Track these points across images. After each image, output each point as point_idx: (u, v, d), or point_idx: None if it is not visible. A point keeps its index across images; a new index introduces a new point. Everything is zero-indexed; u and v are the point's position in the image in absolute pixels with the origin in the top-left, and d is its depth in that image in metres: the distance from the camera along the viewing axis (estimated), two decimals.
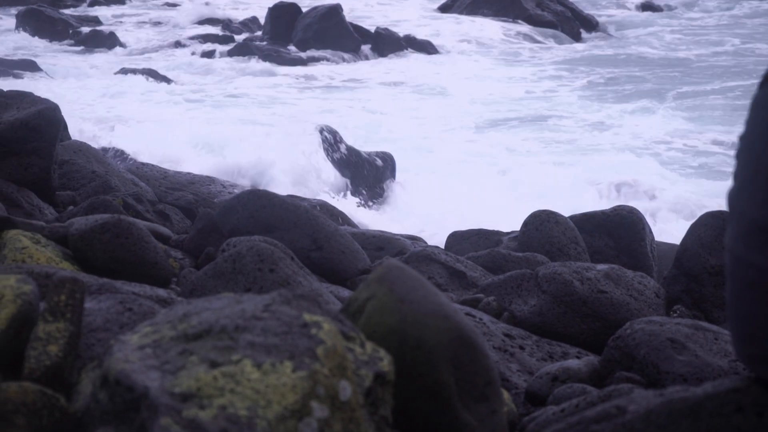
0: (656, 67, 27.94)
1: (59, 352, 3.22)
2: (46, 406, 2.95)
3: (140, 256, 5.46)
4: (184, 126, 18.57)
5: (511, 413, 4.10)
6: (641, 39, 33.10)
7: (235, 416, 2.62)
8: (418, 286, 3.27)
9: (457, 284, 6.77)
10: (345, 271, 6.70)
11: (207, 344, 2.82)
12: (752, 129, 2.68)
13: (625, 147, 19.09)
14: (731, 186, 2.73)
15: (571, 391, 4.37)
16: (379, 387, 2.94)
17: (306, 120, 18.67)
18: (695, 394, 2.78)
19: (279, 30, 29.24)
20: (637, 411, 2.82)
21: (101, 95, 22.13)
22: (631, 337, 4.67)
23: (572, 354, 5.57)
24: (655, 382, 4.44)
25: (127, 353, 2.85)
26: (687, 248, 6.47)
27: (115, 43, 29.21)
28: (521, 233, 7.78)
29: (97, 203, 6.69)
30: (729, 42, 31.44)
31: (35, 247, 5.15)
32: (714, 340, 4.67)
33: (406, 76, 26.30)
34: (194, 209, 8.29)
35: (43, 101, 7.34)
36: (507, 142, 19.66)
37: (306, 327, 2.87)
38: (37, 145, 7.04)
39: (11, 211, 6.41)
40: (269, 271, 5.10)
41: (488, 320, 5.68)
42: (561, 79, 26.30)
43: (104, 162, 8.42)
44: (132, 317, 3.78)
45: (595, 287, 5.99)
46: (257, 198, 6.87)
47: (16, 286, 3.38)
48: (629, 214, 7.97)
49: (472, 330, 3.32)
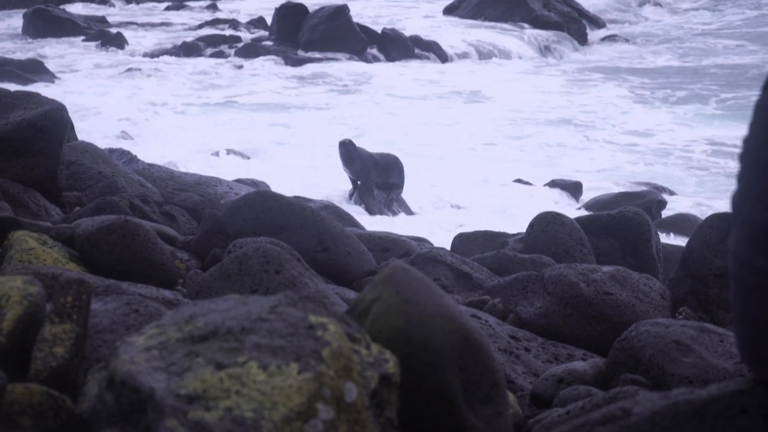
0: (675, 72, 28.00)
1: (65, 353, 3.23)
2: (52, 407, 2.95)
3: (146, 258, 5.46)
4: (201, 131, 18.62)
5: (516, 415, 4.10)
6: (651, 37, 33.11)
7: (241, 418, 2.62)
8: (424, 287, 3.27)
9: (462, 286, 6.77)
10: (351, 273, 6.70)
11: (213, 346, 2.83)
12: (756, 132, 2.68)
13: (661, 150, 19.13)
14: (735, 189, 2.73)
15: (576, 393, 4.37)
16: (385, 389, 2.94)
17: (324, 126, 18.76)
18: (700, 396, 2.78)
19: (286, 30, 29.26)
20: (642, 413, 2.82)
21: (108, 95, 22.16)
22: (636, 339, 4.67)
23: (578, 356, 5.58)
24: (660, 384, 4.45)
25: (133, 355, 2.86)
26: (693, 250, 6.47)
27: (122, 43, 29.23)
28: (527, 235, 7.78)
29: (104, 204, 6.70)
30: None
31: (42, 248, 5.15)
32: (719, 342, 4.67)
33: (424, 81, 26.27)
34: (200, 210, 8.30)
35: (50, 102, 7.34)
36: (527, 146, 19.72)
37: (312, 329, 2.88)
38: (44, 146, 7.05)
39: (18, 211, 6.42)
40: (275, 273, 5.11)
41: (494, 322, 5.68)
42: (579, 85, 26.30)
43: (111, 163, 8.43)
44: (138, 319, 3.79)
45: (601, 289, 5.98)
46: (263, 199, 6.87)
47: (23, 288, 3.39)
48: (635, 215, 7.96)
49: (478, 332, 3.33)
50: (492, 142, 19.93)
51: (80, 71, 25.57)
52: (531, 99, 24.23)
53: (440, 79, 26.61)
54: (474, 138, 20.09)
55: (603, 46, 32.46)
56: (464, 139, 19.99)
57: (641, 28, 35.84)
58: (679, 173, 17.65)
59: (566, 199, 14.79)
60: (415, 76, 26.66)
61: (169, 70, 25.68)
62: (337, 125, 20.01)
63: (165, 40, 30.61)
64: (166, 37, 31.04)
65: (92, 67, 26.32)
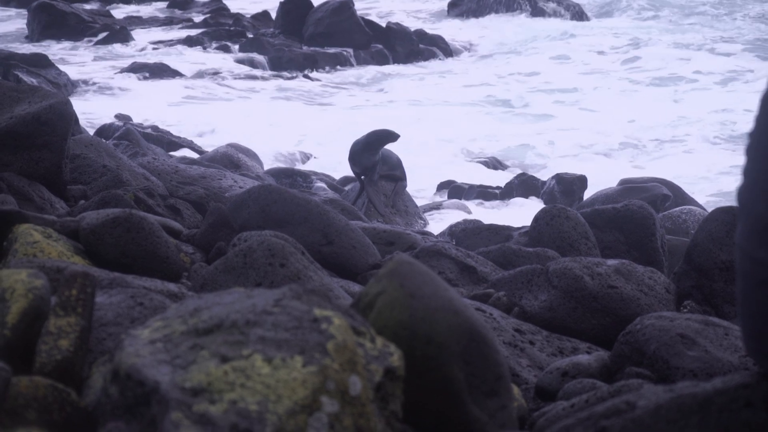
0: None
1: (70, 346, 3.23)
2: (57, 400, 2.96)
3: (151, 251, 5.46)
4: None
5: (521, 408, 4.10)
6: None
7: (246, 411, 2.62)
8: (429, 281, 3.27)
9: (467, 279, 6.77)
10: (356, 266, 6.70)
11: (218, 339, 2.83)
12: (762, 126, 2.68)
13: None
14: (741, 183, 2.73)
15: (581, 387, 4.37)
16: (390, 382, 2.94)
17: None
18: (705, 389, 2.78)
19: (290, 25, 29.24)
20: (647, 406, 2.82)
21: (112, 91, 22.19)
22: (641, 333, 4.67)
23: (582, 349, 5.57)
24: (665, 378, 4.44)
25: (138, 348, 2.86)
26: (698, 243, 6.46)
27: (127, 38, 29.22)
28: (532, 228, 7.77)
29: (109, 197, 6.70)
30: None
31: (46, 241, 5.16)
32: (724, 335, 4.66)
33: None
34: (205, 204, 8.29)
35: (55, 95, 7.34)
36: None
37: (316, 322, 2.88)
38: (49, 140, 7.05)
39: (22, 205, 6.42)
40: (280, 266, 5.11)
41: (498, 315, 5.68)
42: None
43: (115, 156, 8.43)
44: (143, 312, 3.79)
45: (606, 282, 5.98)
46: (268, 193, 6.87)
47: (28, 281, 3.39)
48: (639, 209, 7.95)
49: (483, 325, 3.33)
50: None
51: (85, 65, 25.57)
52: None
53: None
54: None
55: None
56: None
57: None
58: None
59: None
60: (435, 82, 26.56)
61: (174, 63, 25.63)
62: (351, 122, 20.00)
63: (169, 34, 30.60)
64: (170, 33, 31.02)
65: (97, 61, 26.32)
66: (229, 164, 12.38)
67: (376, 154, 11.99)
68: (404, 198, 12.27)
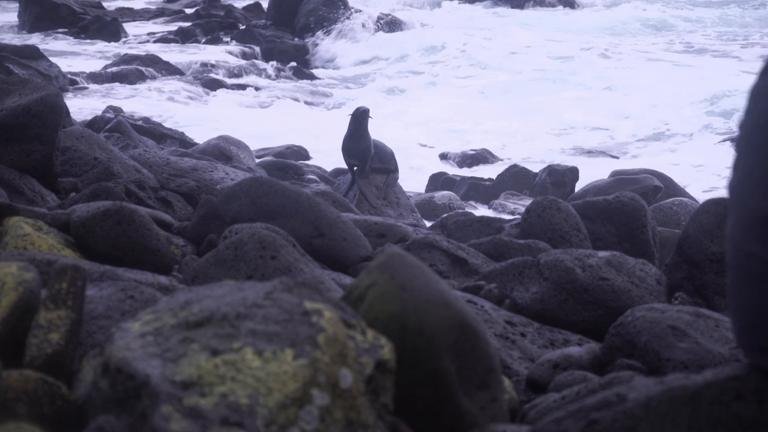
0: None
1: (60, 339, 3.23)
2: (47, 394, 2.95)
3: (142, 243, 5.46)
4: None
5: (512, 400, 4.10)
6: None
7: (236, 404, 2.62)
8: (420, 273, 3.27)
9: (458, 271, 6.77)
10: (347, 258, 6.69)
11: (208, 332, 2.83)
12: (752, 119, 2.67)
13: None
14: (731, 176, 2.72)
15: (572, 379, 4.37)
16: (380, 374, 2.94)
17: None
18: (695, 381, 2.78)
19: (282, 16, 29.23)
20: (638, 399, 2.82)
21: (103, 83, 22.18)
22: (632, 325, 4.67)
23: (573, 341, 5.58)
24: (656, 370, 4.45)
25: (128, 341, 2.86)
26: (689, 235, 6.47)
27: (118, 30, 29.18)
28: (523, 220, 7.77)
29: (99, 190, 6.69)
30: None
31: (37, 234, 5.15)
32: (715, 327, 4.67)
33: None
34: (196, 196, 8.28)
35: (46, 87, 7.32)
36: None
37: (307, 315, 2.88)
38: (40, 132, 7.03)
39: (13, 197, 6.42)
40: (271, 259, 5.10)
41: (490, 307, 5.68)
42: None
43: (106, 148, 8.41)
44: (133, 305, 3.78)
45: (597, 274, 5.98)
46: (259, 185, 6.86)
47: (18, 274, 3.39)
48: (631, 201, 7.96)
49: (474, 317, 3.33)
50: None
51: (76, 57, 25.52)
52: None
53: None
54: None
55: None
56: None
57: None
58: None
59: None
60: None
61: (164, 55, 25.58)
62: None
63: (160, 26, 30.56)
64: (161, 25, 30.98)
65: (87, 52, 26.27)
66: (221, 156, 12.35)
67: (366, 138, 11.80)
68: (396, 190, 12.25)
